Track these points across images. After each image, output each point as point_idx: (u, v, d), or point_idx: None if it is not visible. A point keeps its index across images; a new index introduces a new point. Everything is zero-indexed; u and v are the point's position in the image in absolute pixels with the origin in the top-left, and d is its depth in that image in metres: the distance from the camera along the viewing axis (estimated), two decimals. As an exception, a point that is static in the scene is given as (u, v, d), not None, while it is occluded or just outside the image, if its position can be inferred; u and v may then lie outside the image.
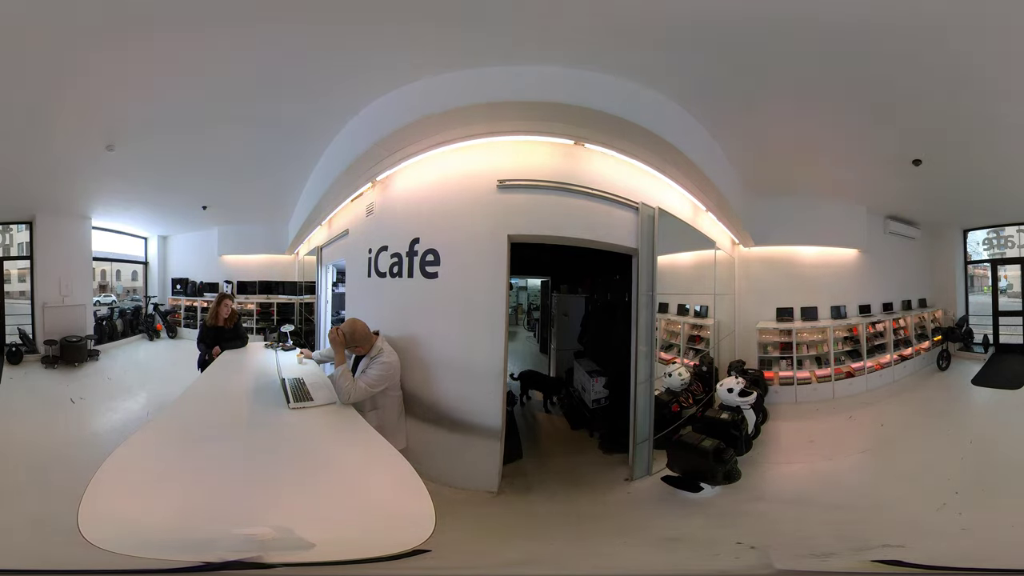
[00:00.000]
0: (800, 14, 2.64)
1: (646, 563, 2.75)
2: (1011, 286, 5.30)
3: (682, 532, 3.10)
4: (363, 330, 3.35)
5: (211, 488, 1.87)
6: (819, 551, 2.64)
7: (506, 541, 3.00)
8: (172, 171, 5.04)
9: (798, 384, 5.03)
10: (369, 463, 2.23)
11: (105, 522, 1.60)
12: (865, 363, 5.12)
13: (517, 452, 4.07)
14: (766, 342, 5.12)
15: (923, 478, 3.50)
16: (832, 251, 5.25)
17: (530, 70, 3.14)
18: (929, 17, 2.60)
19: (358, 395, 3.06)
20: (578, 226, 3.58)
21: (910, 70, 3.04)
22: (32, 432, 4.20)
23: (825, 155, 4.31)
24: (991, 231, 5.36)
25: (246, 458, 2.19)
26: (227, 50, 3.03)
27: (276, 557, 1.59)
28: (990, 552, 2.59)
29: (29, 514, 2.77)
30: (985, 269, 5.41)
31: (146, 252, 6.83)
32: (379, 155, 3.82)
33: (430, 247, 3.70)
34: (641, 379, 3.85)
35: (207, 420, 2.70)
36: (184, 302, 6.69)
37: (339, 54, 3.10)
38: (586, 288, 6.11)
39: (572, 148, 3.60)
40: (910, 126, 3.74)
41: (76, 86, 3.34)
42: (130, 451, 2.12)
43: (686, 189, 4.17)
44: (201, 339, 4.74)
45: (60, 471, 3.18)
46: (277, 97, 3.65)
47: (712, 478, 3.44)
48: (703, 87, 3.39)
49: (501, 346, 3.50)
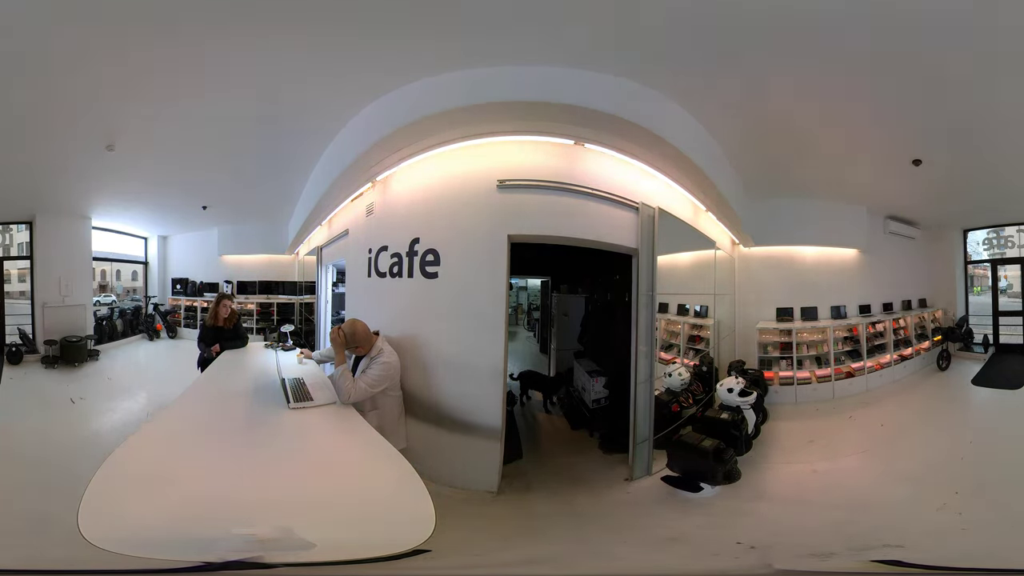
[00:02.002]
0: (801, 11, 2.64)
1: (646, 563, 2.75)
2: (1011, 286, 5.30)
3: (682, 532, 3.09)
4: (363, 330, 3.35)
5: (211, 488, 1.87)
6: (819, 551, 2.64)
7: (506, 541, 3.00)
8: (172, 171, 5.04)
9: (798, 384, 5.03)
10: (369, 463, 2.23)
11: (105, 522, 1.60)
12: (865, 363, 5.12)
13: (517, 452, 4.07)
14: (766, 342, 5.12)
15: (923, 478, 3.50)
16: (832, 251, 5.25)
17: (530, 70, 3.14)
18: (929, 17, 2.60)
19: (358, 395, 3.06)
20: (578, 226, 3.59)
21: (910, 69, 3.05)
22: (32, 432, 4.20)
23: (825, 155, 4.31)
24: (991, 231, 5.36)
25: (246, 458, 2.19)
26: (227, 50, 3.03)
27: (276, 557, 1.59)
28: (990, 552, 2.59)
29: (29, 514, 2.77)
30: (985, 269, 5.40)
31: (146, 252, 6.82)
32: (379, 155, 3.82)
33: (430, 247, 3.70)
34: (641, 379, 3.85)
35: (207, 420, 2.69)
36: (184, 302, 6.68)
37: (339, 54, 3.10)
38: (586, 288, 6.11)
39: (572, 148, 3.60)
40: (910, 126, 3.74)
41: (76, 86, 3.34)
42: (130, 451, 2.12)
43: (686, 189, 4.17)
44: (201, 338, 4.75)
45: (60, 471, 3.18)
46: (277, 97, 3.65)
47: (712, 478, 3.45)
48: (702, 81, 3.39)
49: (501, 346, 3.50)
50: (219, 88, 3.51)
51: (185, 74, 3.29)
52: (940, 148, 4.01)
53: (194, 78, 3.35)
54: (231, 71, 3.30)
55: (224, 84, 3.46)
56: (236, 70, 3.28)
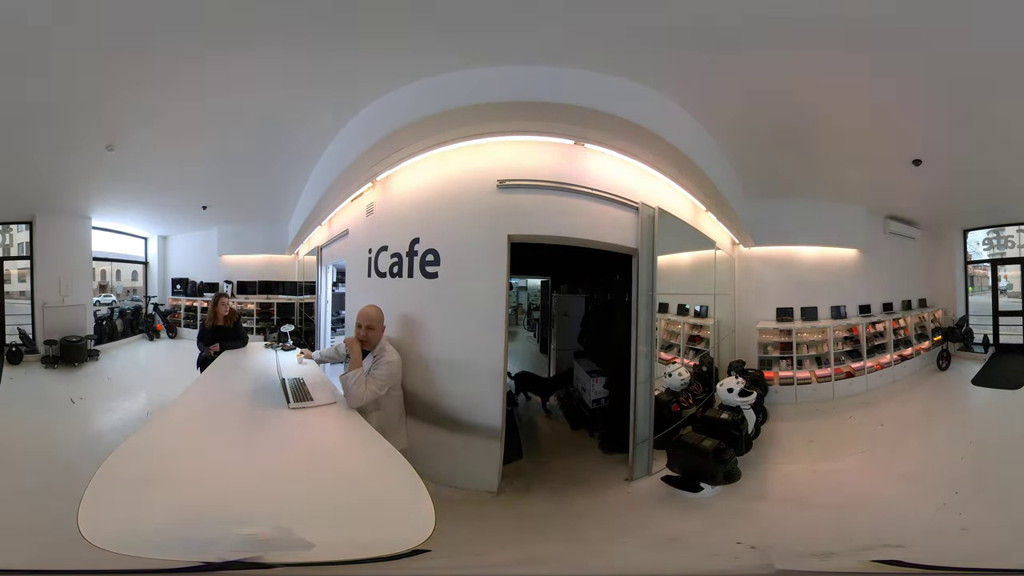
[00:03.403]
0: (801, 9, 2.64)
1: (646, 563, 2.75)
2: (1011, 286, 5.30)
3: (682, 532, 3.09)
4: (381, 316, 3.37)
5: (211, 488, 1.87)
6: (819, 551, 2.64)
7: (506, 541, 3.00)
8: (172, 171, 5.04)
9: (798, 384, 5.03)
10: (369, 463, 2.23)
11: (105, 522, 1.60)
12: (865, 363, 5.12)
13: (517, 452, 4.07)
14: (766, 342, 5.12)
15: (923, 478, 3.50)
16: (832, 251, 5.25)
17: (530, 70, 3.14)
18: (929, 16, 2.60)
19: (368, 398, 3.06)
20: (578, 226, 3.58)
21: (911, 69, 3.05)
22: (32, 432, 4.20)
23: (825, 154, 4.31)
24: (991, 231, 5.36)
25: (246, 458, 2.19)
26: (227, 50, 3.03)
27: (276, 557, 1.59)
28: (990, 552, 2.59)
29: (29, 514, 2.77)
30: (985, 269, 5.40)
31: (146, 252, 6.82)
32: (379, 155, 3.82)
33: (430, 247, 3.70)
34: (641, 379, 3.85)
35: (207, 420, 2.69)
36: (184, 302, 6.69)
37: (339, 53, 3.10)
38: (586, 288, 6.10)
39: (572, 148, 3.60)
40: (910, 126, 3.74)
41: (76, 86, 3.34)
42: (130, 451, 2.12)
43: (686, 189, 4.17)
44: (201, 338, 4.75)
45: (60, 471, 3.18)
46: (277, 97, 3.65)
47: (712, 478, 3.44)
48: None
49: (501, 346, 3.50)
50: (219, 88, 3.51)
51: (185, 74, 3.29)
52: (940, 148, 4.01)
53: (194, 78, 3.35)
54: (231, 71, 3.30)
55: (224, 84, 3.46)
56: (236, 69, 3.28)
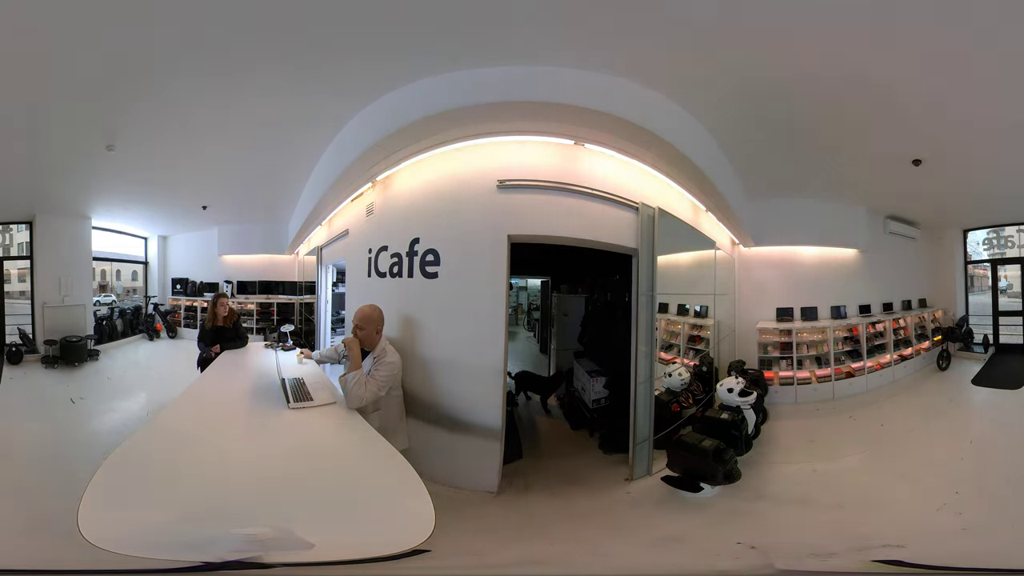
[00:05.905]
0: (800, 11, 2.64)
1: (646, 563, 2.76)
2: (1011, 286, 5.30)
3: (682, 532, 3.09)
4: (380, 316, 3.36)
5: (211, 488, 1.87)
6: (819, 551, 2.64)
7: (506, 541, 3.00)
8: (172, 171, 5.04)
9: (798, 384, 5.03)
10: (369, 463, 2.23)
11: (105, 522, 1.60)
12: (865, 363, 5.12)
13: (517, 452, 4.07)
14: (766, 342, 5.12)
15: (923, 478, 3.51)
16: (832, 251, 5.25)
17: (530, 70, 3.14)
18: (929, 16, 2.60)
19: (368, 399, 3.06)
20: (578, 226, 3.58)
21: (911, 69, 3.04)
22: (32, 432, 4.20)
23: (825, 154, 4.31)
24: (991, 231, 5.36)
25: (246, 458, 2.19)
26: (227, 50, 3.03)
27: (276, 557, 1.59)
28: (990, 552, 2.60)
29: (29, 514, 2.77)
30: (985, 269, 5.41)
31: (146, 252, 6.82)
32: (379, 155, 3.82)
33: (430, 247, 3.70)
34: (641, 379, 3.85)
35: (207, 420, 2.69)
36: (184, 302, 6.68)
37: (339, 54, 3.10)
38: (586, 288, 6.10)
39: (572, 148, 3.60)
40: (910, 126, 3.74)
41: (76, 86, 3.34)
42: (130, 451, 2.12)
43: (686, 189, 4.16)
44: (201, 338, 4.75)
45: (60, 471, 3.18)
46: (277, 96, 3.65)
47: (712, 478, 3.44)
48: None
49: (501, 346, 3.50)
50: (219, 87, 3.51)
51: (185, 74, 3.29)
52: (940, 148, 4.01)
53: (194, 77, 3.35)
54: (231, 71, 3.29)
55: (224, 84, 3.46)
56: (236, 70, 3.28)
